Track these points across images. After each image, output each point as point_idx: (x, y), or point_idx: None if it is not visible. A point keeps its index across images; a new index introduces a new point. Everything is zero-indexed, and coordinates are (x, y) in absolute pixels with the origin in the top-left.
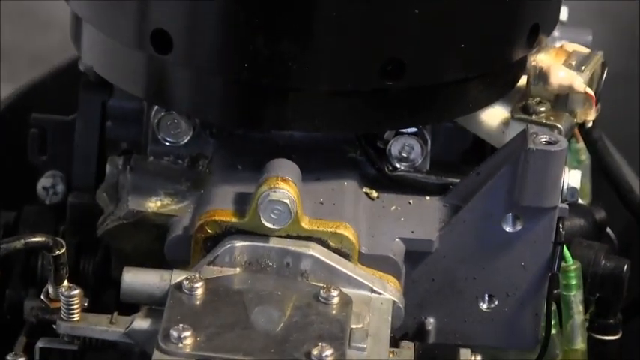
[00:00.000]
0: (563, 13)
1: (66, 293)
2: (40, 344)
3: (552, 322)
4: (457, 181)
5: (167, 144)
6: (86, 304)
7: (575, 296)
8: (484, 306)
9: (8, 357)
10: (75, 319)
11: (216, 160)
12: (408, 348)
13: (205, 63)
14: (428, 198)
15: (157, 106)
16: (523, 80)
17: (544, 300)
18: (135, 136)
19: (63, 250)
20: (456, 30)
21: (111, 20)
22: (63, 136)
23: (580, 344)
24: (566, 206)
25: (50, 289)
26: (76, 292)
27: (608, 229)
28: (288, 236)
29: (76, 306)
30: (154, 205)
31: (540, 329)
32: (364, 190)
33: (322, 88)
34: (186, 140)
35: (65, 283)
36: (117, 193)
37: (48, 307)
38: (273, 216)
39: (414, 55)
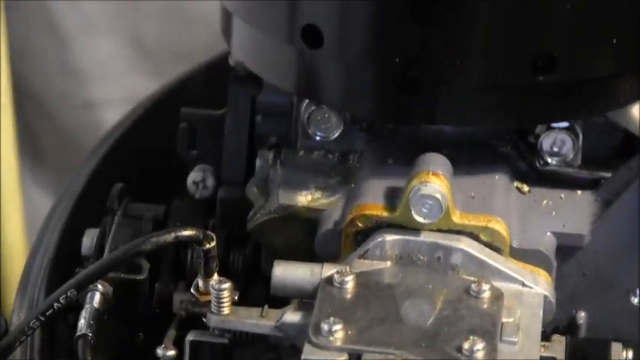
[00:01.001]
0: None
1: (216, 287)
2: (190, 337)
3: None
4: (609, 175)
5: (317, 138)
6: (236, 297)
7: None
8: (635, 300)
9: (158, 350)
10: (225, 312)
11: (366, 154)
12: (559, 342)
13: (356, 57)
14: (579, 192)
15: (307, 101)
16: None
17: None
18: (284, 131)
19: (213, 244)
20: (608, 24)
21: (262, 15)
22: (212, 130)
23: None
24: None
25: (200, 283)
26: (227, 285)
27: None
28: (439, 230)
29: (226, 299)
30: (304, 199)
31: None
32: (515, 184)
33: (474, 82)
34: (336, 135)
35: (215, 276)
36: (267, 187)
37: (198, 301)
38: (424, 210)
39: (566, 50)
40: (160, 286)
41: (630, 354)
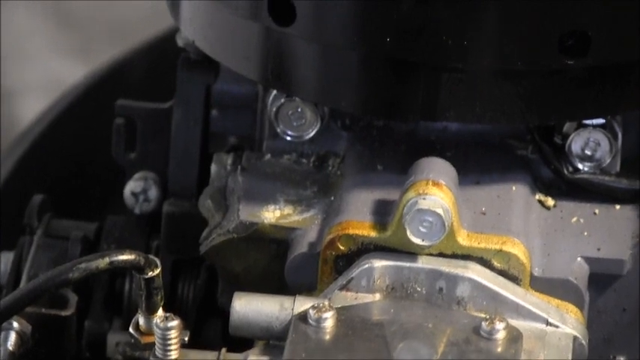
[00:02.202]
0: None
1: (161, 325)
2: None
3: None
4: None
5: (288, 138)
6: (186, 338)
7: None
8: None
9: None
10: (172, 357)
11: (349, 159)
12: None
13: (336, 36)
14: (618, 207)
15: (275, 91)
16: None
17: None
18: (247, 129)
19: (157, 271)
20: None
21: None
22: (156, 127)
23: None
24: None
25: (141, 320)
26: (174, 323)
27: None
28: (441, 255)
29: (173, 341)
30: (271, 215)
31: None
32: (537, 196)
33: (486, 67)
34: (312, 134)
35: (160, 312)
36: (225, 200)
37: (138, 343)
38: (422, 229)
39: (602, 26)
40: (90, 324)
41: None
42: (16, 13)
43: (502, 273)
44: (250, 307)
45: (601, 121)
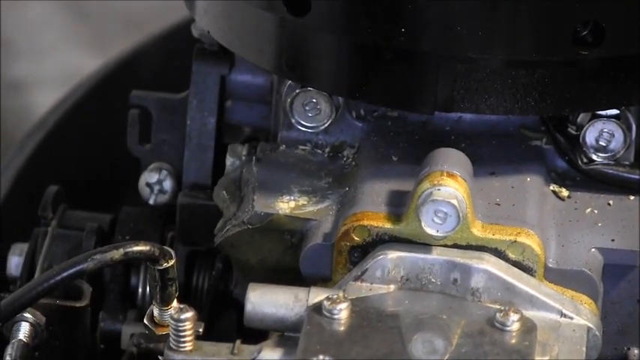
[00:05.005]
0: None
1: (176, 316)
2: None
3: None
4: None
5: (303, 129)
6: (201, 329)
7: None
8: None
9: None
10: (187, 348)
11: (364, 150)
12: None
13: (350, 27)
14: (632, 198)
15: (290, 82)
16: None
17: None
18: (261, 120)
19: (172, 263)
20: None
21: None
22: (171, 118)
23: None
24: None
25: (155, 312)
26: (189, 314)
27: None
28: (456, 246)
29: (188, 332)
30: (286, 205)
31: None
32: (552, 187)
33: (499, 58)
34: (326, 124)
35: (175, 303)
36: (239, 191)
37: (153, 334)
38: (436, 220)
39: (616, 17)
40: (105, 316)
41: None
42: (31, 5)
43: (516, 264)
44: (265, 299)
45: (615, 112)
